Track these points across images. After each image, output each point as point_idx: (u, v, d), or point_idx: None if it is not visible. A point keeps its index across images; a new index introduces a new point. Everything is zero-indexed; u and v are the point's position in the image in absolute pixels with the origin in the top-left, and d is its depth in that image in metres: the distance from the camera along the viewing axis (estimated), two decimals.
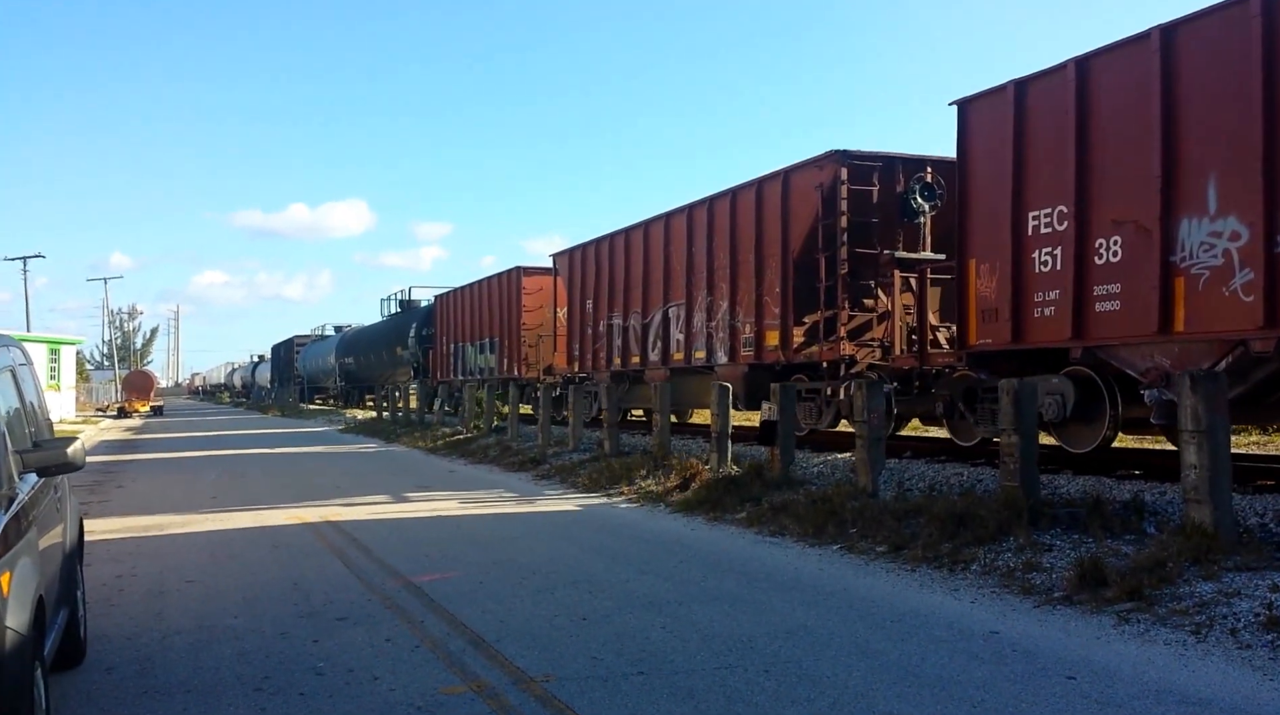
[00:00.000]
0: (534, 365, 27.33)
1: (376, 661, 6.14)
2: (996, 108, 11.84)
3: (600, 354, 22.56)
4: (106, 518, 12.67)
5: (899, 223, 15.27)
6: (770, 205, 16.42)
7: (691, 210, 18.85)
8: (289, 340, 69.93)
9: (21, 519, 4.56)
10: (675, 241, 19.39)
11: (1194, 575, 7.07)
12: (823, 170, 15.19)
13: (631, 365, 21.17)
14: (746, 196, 17.04)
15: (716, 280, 17.83)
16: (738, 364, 17.14)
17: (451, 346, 34.26)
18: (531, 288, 28.06)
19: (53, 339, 48.27)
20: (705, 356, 18.19)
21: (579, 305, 23.79)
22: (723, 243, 17.65)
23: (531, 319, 27.87)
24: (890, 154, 15.41)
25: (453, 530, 11.32)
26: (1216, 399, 7.70)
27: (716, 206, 17.96)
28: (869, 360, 15.00)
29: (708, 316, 18.04)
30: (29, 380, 6.07)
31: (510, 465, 19.21)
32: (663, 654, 6.18)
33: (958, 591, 7.67)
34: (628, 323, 21.28)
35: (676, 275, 19.26)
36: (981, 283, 12.01)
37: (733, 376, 16.82)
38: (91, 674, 6.03)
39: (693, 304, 18.63)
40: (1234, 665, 5.67)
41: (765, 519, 10.98)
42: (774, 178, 16.41)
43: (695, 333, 18.51)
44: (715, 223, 17.93)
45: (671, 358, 19.50)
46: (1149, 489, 10.06)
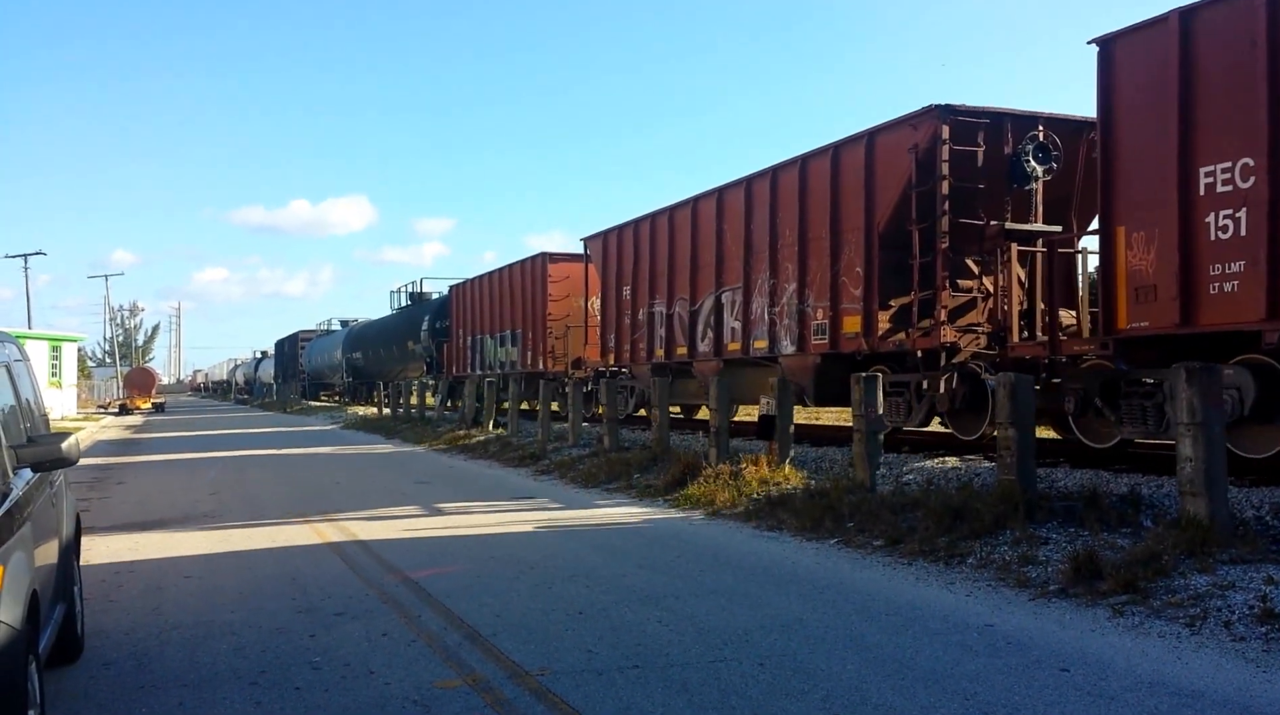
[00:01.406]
0: (561, 358, 25.90)
1: (372, 655, 6.16)
2: (1155, 44, 10.07)
3: (640, 345, 20.94)
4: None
5: (1007, 189, 13.42)
6: (849, 173, 14.60)
7: (750, 183, 17.00)
8: (293, 335, 68.90)
9: (15, 514, 4.58)
10: (730, 219, 17.58)
11: (1189, 568, 7.08)
12: (918, 129, 13.32)
13: (677, 357, 19.45)
14: (819, 165, 15.27)
15: (781, 260, 16.05)
16: (807, 354, 15.42)
17: (469, 339, 32.87)
18: (558, 275, 26.50)
19: (54, 336, 48.27)
20: (767, 346, 16.36)
21: (614, 293, 22.18)
22: (789, 218, 15.87)
23: (558, 309, 26.31)
24: (998, 109, 13.44)
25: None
26: (1212, 392, 7.71)
27: (781, 177, 16.12)
28: (973, 348, 13.20)
29: (770, 301, 16.25)
30: (24, 376, 6.08)
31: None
32: (658, 647, 6.20)
33: (953, 585, 7.68)
34: (672, 310, 19.62)
35: (731, 256, 17.50)
36: (1134, 255, 10.33)
37: (801, 368, 15.44)
38: (89, 669, 6.05)
39: (751, 288, 16.87)
40: (1228, 657, 5.68)
41: (763, 513, 10.99)
42: (854, 142, 14.62)
43: (754, 320, 16.74)
44: (779, 196, 16.10)
45: (726, 348, 17.72)
46: (1146, 482, 10.07)
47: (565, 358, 25.66)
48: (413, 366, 41.07)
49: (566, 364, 25.44)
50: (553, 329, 26.19)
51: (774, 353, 16.21)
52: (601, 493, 14.06)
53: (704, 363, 18.39)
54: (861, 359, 14.47)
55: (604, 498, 13.57)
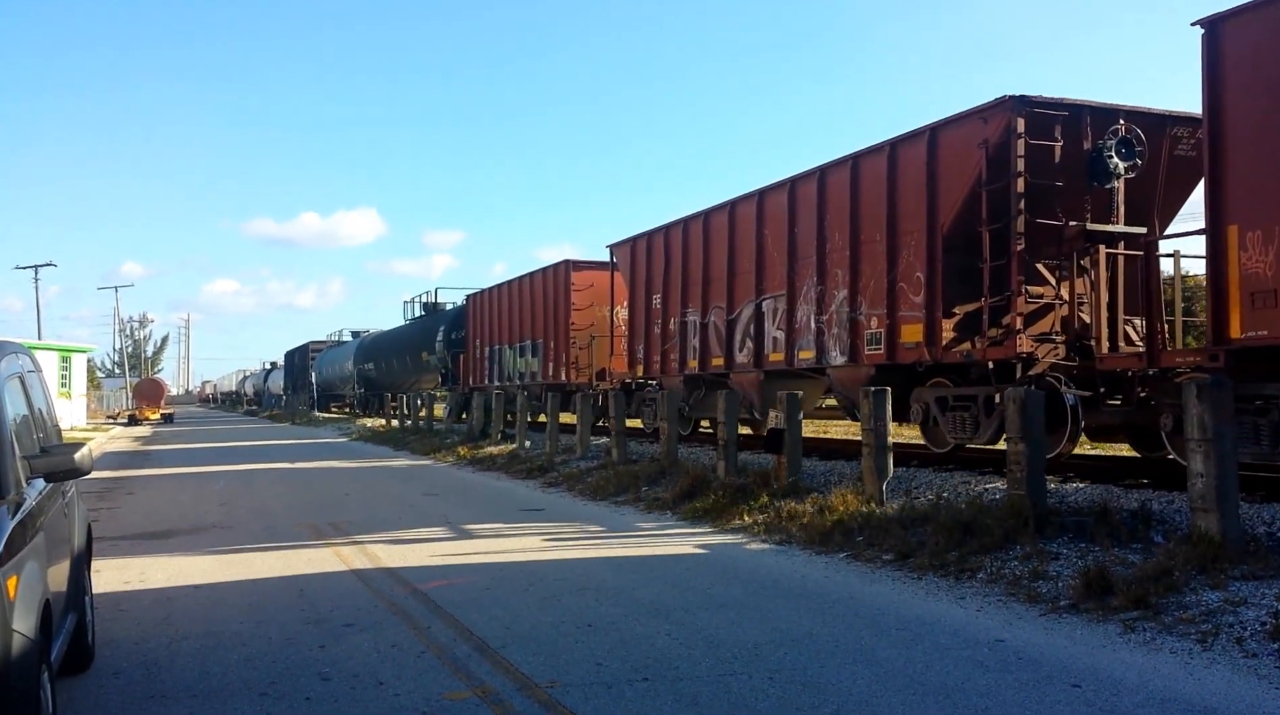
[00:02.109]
0: (585, 369, 24.79)
1: (382, 667, 6.16)
2: (1273, 22, 9.26)
3: (671, 356, 19.87)
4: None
5: (1087, 188, 12.44)
6: (908, 171, 13.64)
7: (794, 185, 16.02)
8: (304, 346, 68.00)
9: (28, 524, 4.59)
10: (772, 222, 16.61)
11: (1200, 584, 7.05)
12: (988, 123, 12.36)
13: (712, 368, 18.41)
14: (873, 164, 14.31)
15: (830, 266, 15.08)
16: (860, 365, 14.40)
17: (486, 350, 31.70)
18: (582, 283, 25.45)
19: (64, 347, 48.44)
20: (814, 356, 15.38)
21: (643, 301, 21.11)
22: (839, 220, 14.90)
23: (582, 318, 25.21)
24: (1076, 101, 12.42)
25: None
26: (1223, 407, 7.69)
27: (830, 178, 15.17)
28: (1051, 359, 12.21)
29: (817, 309, 15.26)
30: (37, 387, 6.11)
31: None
32: (668, 660, 6.19)
33: (964, 599, 7.66)
34: (707, 319, 18.55)
35: (773, 263, 16.50)
36: (1249, 257, 9.50)
37: (852, 380, 14.46)
38: (100, 678, 6.06)
39: (796, 295, 15.89)
40: (1240, 674, 5.65)
41: (772, 526, 10.97)
42: (912, 139, 13.62)
43: (799, 329, 15.78)
44: (828, 197, 15.15)
45: (767, 359, 16.70)
46: (1156, 497, 10.03)
47: (589, 369, 24.72)
48: (427, 378, 40.19)
49: (591, 375, 24.54)
50: (576, 339, 25.16)
51: (821, 364, 15.26)
52: (610, 506, 14.04)
53: (742, 374, 17.42)
54: (923, 370, 13.54)
55: (613, 511, 13.56)
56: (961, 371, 13.21)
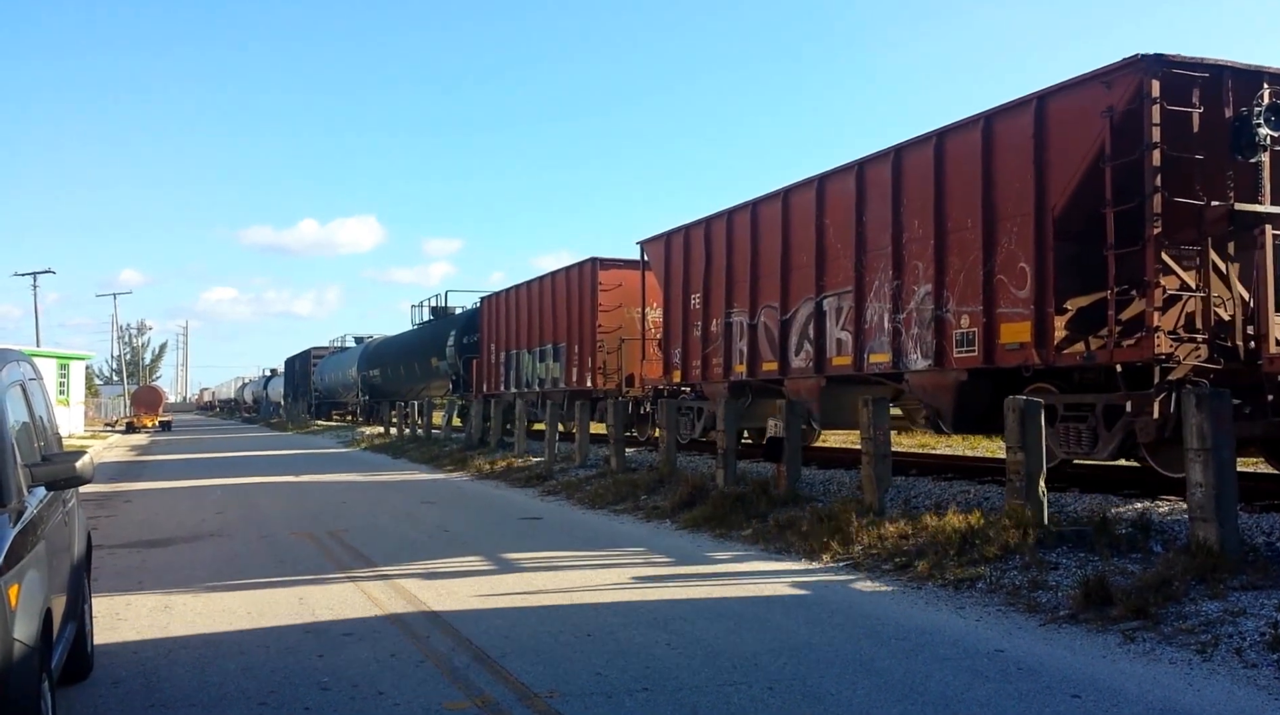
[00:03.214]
0: (613, 375, 23.28)
1: (381, 676, 6.16)
2: None
3: (714, 360, 18.18)
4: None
5: (1228, 161, 10.78)
6: (1008, 148, 11.97)
7: (863, 169, 14.40)
8: (305, 352, 66.62)
9: (30, 532, 4.59)
10: (835, 211, 14.97)
11: (1200, 594, 7.05)
12: (1114, 87, 10.72)
13: (763, 373, 16.75)
14: (962, 141, 12.63)
15: (908, 258, 13.44)
16: (947, 370, 12.75)
17: (502, 355, 30.09)
18: (609, 283, 23.82)
19: (62, 354, 48.48)
20: (890, 360, 13.68)
21: (680, 301, 19.43)
22: (919, 206, 13.24)
23: (609, 320, 23.61)
24: (1216, 62, 10.79)
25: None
26: (1222, 417, 7.70)
27: (908, 160, 13.54)
28: (1193, 361, 10.53)
29: (893, 307, 13.63)
30: (38, 395, 6.11)
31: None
32: (667, 671, 6.18)
33: (963, 609, 7.66)
34: (756, 320, 16.87)
35: (837, 255, 14.89)
36: None
37: (937, 387, 12.97)
38: (99, 687, 6.05)
39: (865, 292, 14.24)
40: (1239, 685, 5.65)
41: (771, 536, 10.97)
42: (1014, 109, 11.92)
43: (870, 329, 14.12)
44: (905, 181, 13.51)
45: (829, 362, 15.04)
46: (1156, 507, 10.03)
47: (617, 374, 23.19)
48: (436, 384, 38.64)
49: (619, 381, 23.05)
50: (604, 343, 23.52)
51: (899, 368, 13.59)
52: (609, 514, 14.04)
53: (799, 380, 15.78)
54: (1030, 374, 11.87)
55: (612, 519, 13.55)
56: (1064, 376, 11.79)
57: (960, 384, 12.58)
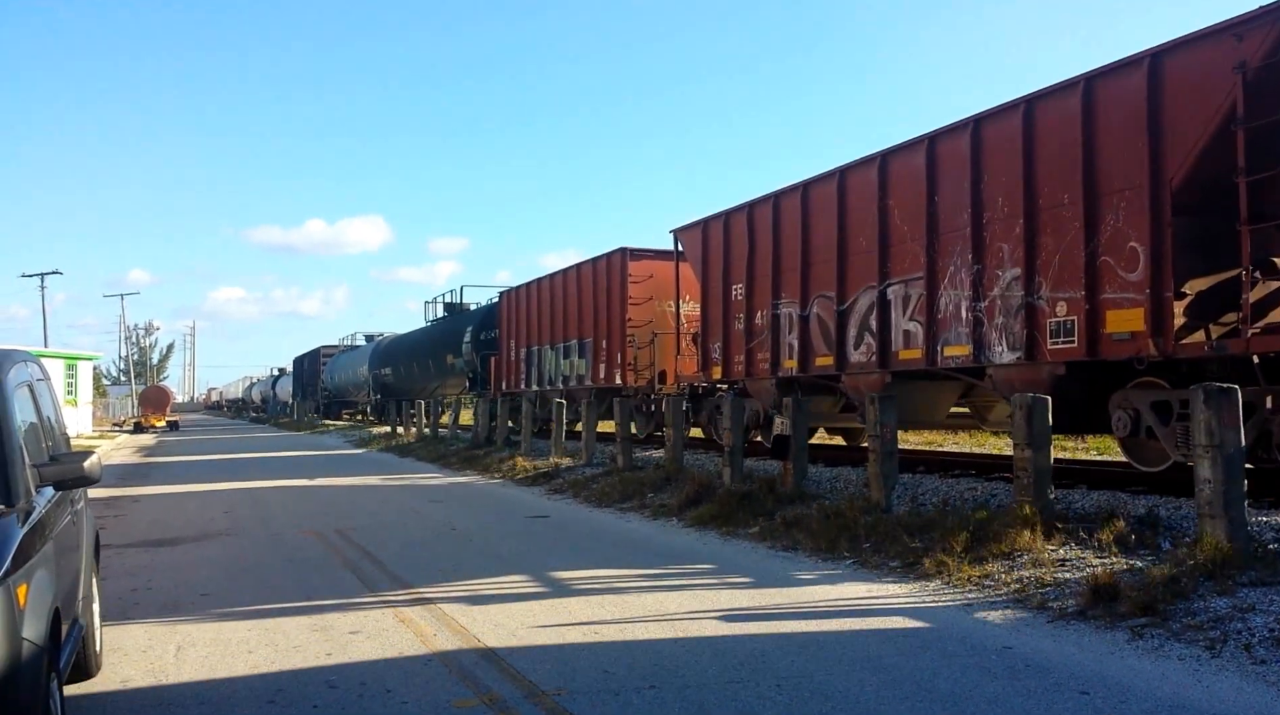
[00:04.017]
0: (643, 371, 22.06)
1: (388, 674, 6.16)
2: None
3: (759, 355, 16.93)
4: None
5: None
6: (1114, 112, 10.71)
7: (934, 144, 13.16)
8: (314, 351, 65.74)
9: (38, 532, 4.61)
10: (900, 191, 13.77)
11: (1208, 590, 7.03)
12: (1246, 40, 9.52)
13: (816, 368, 15.52)
14: (1056, 108, 11.37)
15: (991, 239, 12.19)
16: (1039, 362, 11.50)
17: (522, 352, 28.91)
18: (639, 274, 22.57)
19: (70, 355, 48.63)
20: (970, 352, 12.45)
21: (719, 292, 18.17)
22: (1004, 182, 12.00)
23: (639, 314, 22.34)
24: None
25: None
26: (1229, 413, 7.68)
27: (989, 131, 12.29)
28: None
29: (973, 294, 12.38)
30: (46, 395, 6.13)
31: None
32: (674, 668, 6.18)
33: (971, 606, 7.64)
34: (808, 311, 15.65)
35: (902, 238, 13.68)
36: None
37: (1028, 381, 11.54)
38: (107, 686, 6.06)
39: (938, 278, 13.00)
40: (1248, 681, 5.64)
41: (778, 533, 10.97)
42: (1122, 70, 10.65)
43: (944, 319, 12.89)
44: (986, 155, 12.29)
45: (895, 356, 13.79)
46: (1164, 504, 10.01)
47: (648, 371, 22.02)
48: (451, 382, 37.41)
49: (652, 378, 21.90)
50: (635, 337, 22.21)
51: (980, 361, 12.36)
52: (615, 512, 14.05)
53: (860, 376, 14.56)
54: (1143, 367, 10.64)
55: (619, 517, 13.56)
56: (1172, 369, 10.61)
57: (1055, 378, 11.35)
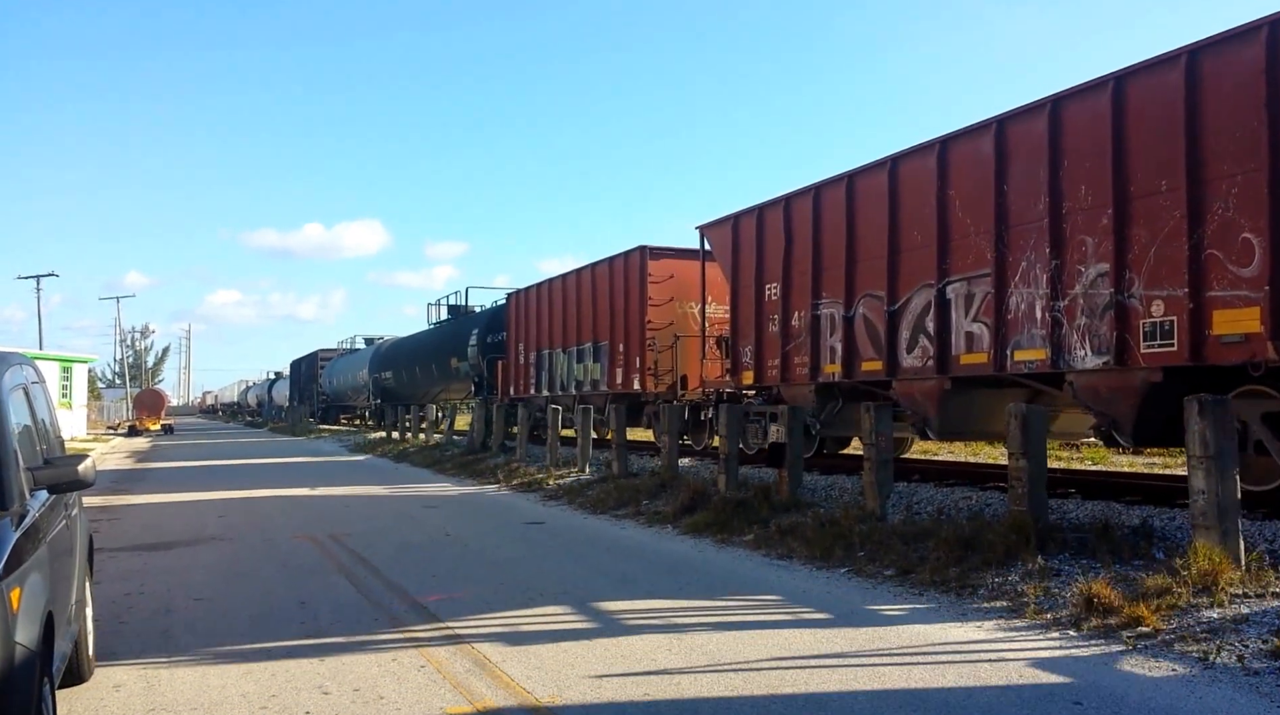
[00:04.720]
0: (664, 376, 21.07)
1: (381, 680, 6.15)
2: None
3: (795, 359, 15.82)
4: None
5: None
6: (1226, 88, 9.66)
7: (1004, 128, 12.04)
8: (311, 355, 64.20)
9: (32, 536, 4.60)
10: (962, 180, 12.65)
11: (1202, 601, 7.04)
12: None
13: (862, 374, 14.39)
14: (1152, 85, 10.32)
15: (1071, 232, 11.13)
16: (1131, 368, 10.45)
17: (532, 355, 27.67)
18: (660, 274, 21.55)
19: (65, 357, 48.60)
20: (1047, 357, 11.33)
21: (751, 292, 17.00)
22: (1087, 167, 10.93)
23: (659, 316, 21.36)
24: None
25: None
26: (1225, 424, 7.69)
27: (1069, 112, 11.19)
28: None
29: (1050, 292, 11.29)
30: (41, 398, 6.13)
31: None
32: (671, 677, 6.17)
33: (965, 615, 7.65)
34: (853, 312, 14.52)
35: (965, 232, 12.55)
36: None
37: (1116, 389, 10.60)
38: (99, 691, 6.05)
39: (1007, 274, 11.91)
40: (1241, 692, 5.64)
41: (773, 541, 10.97)
42: (1232, 41, 9.60)
43: (1015, 319, 11.78)
44: (1066, 139, 11.20)
45: (956, 360, 12.63)
46: (1158, 514, 10.03)
47: (669, 376, 20.96)
48: (456, 387, 36.28)
49: (674, 382, 20.77)
50: (655, 340, 21.18)
51: (1058, 366, 11.26)
52: (611, 519, 14.05)
53: (914, 382, 13.37)
54: (1259, 372, 9.57)
55: (614, 524, 13.56)
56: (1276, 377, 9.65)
57: (1149, 386, 10.28)
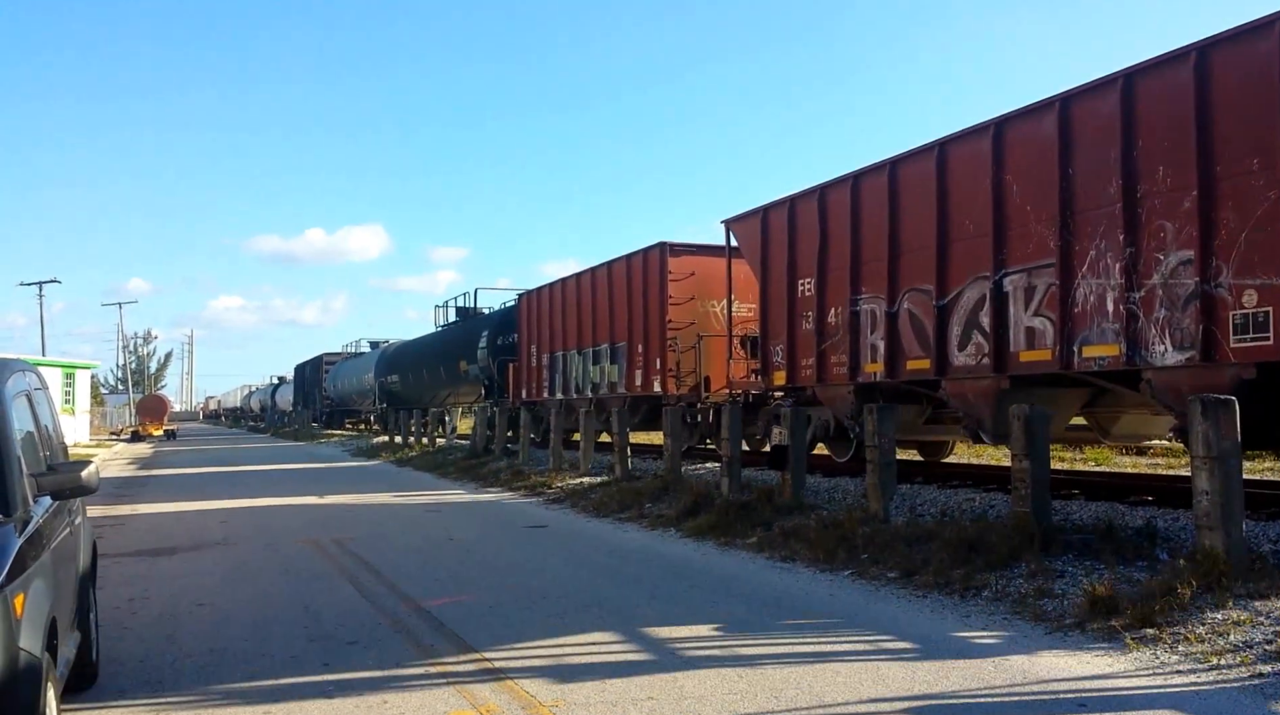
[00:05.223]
0: (685, 378, 20.24)
1: (386, 685, 6.15)
2: None
3: (832, 358, 14.95)
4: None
5: None
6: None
7: (1068, 107, 11.14)
8: (316, 359, 63.54)
9: (36, 542, 4.61)
10: (1019, 164, 11.78)
11: (1206, 602, 7.03)
12: None
13: (907, 373, 13.49)
14: (1240, 55, 9.57)
15: (1148, 217, 10.23)
16: (1220, 364, 9.62)
17: (545, 357, 26.87)
18: (680, 272, 20.72)
19: (68, 363, 48.65)
20: (1120, 352, 10.42)
21: (783, 288, 16.15)
22: (1167, 147, 10.11)
23: (680, 315, 20.50)
24: None
25: None
26: (1228, 425, 7.68)
27: (1144, 88, 10.36)
28: None
29: (1125, 282, 10.37)
30: (44, 404, 6.13)
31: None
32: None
33: (969, 617, 7.64)
34: (896, 307, 13.61)
35: (1026, 219, 11.62)
36: None
37: (1205, 386, 9.37)
38: (104, 696, 6.05)
39: (1074, 264, 10.98)
40: (1246, 694, 5.63)
41: (776, 544, 10.97)
42: None
43: (1082, 312, 10.87)
44: (1141, 116, 10.36)
45: (1015, 357, 11.72)
46: (1161, 515, 10.03)
47: (690, 377, 20.14)
48: (465, 390, 35.49)
49: (697, 383, 19.92)
50: (677, 340, 20.36)
51: (1134, 363, 10.35)
52: (613, 522, 14.04)
53: (967, 381, 12.44)
54: None
55: (617, 527, 13.56)
56: None
57: (1240, 383, 9.40)
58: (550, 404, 25.47)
